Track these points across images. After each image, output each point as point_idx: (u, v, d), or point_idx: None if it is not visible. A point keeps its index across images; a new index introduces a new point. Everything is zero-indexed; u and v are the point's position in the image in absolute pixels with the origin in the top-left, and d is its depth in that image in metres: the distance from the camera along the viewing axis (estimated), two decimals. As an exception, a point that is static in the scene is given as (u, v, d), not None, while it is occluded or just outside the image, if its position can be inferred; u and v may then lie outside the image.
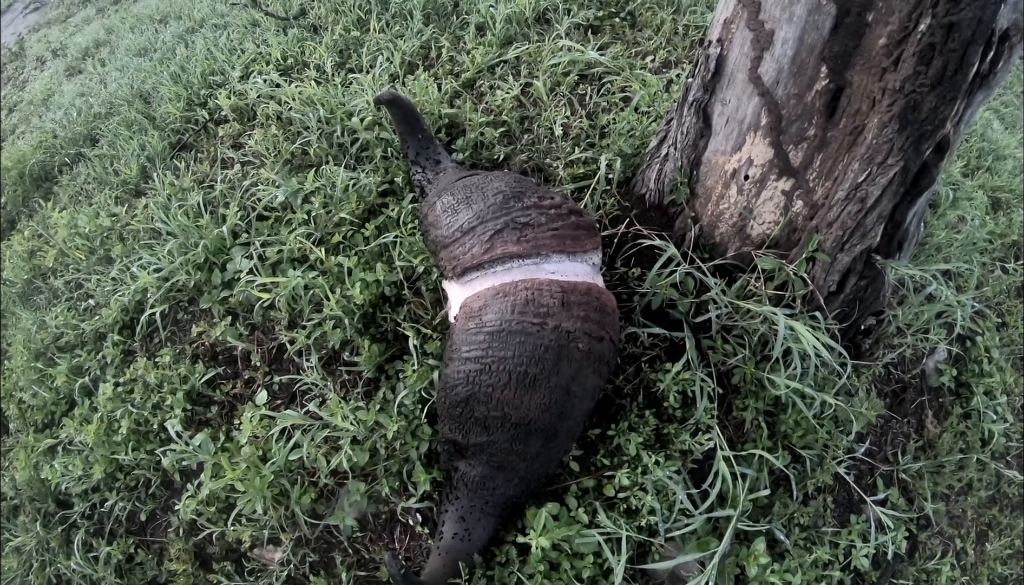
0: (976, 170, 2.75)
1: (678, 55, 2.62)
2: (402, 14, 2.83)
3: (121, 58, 3.71)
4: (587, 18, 2.76)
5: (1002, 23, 1.22)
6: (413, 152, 1.90)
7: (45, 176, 3.18)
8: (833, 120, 1.44)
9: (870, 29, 1.29)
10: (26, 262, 2.63)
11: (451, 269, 1.49)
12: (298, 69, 2.69)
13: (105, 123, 3.08)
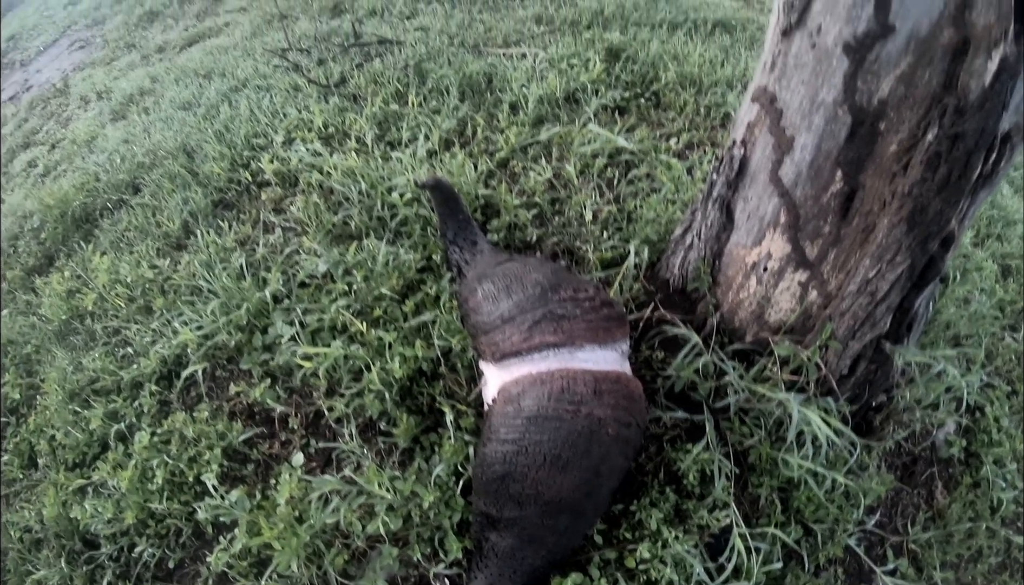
0: (986, 238, 2.83)
1: (700, 136, 2.77)
2: (439, 89, 2.98)
3: (165, 109, 3.86)
4: (614, 99, 2.92)
5: (1004, 126, 1.32)
6: (451, 232, 2.02)
7: (86, 218, 3.28)
8: (847, 219, 1.55)
9: (882, 137, 1.41)
10: (64, 302, 2.71)
11: (490, 353, 1.60)
12: (339, 138, 2.82)
13: (148, 173, 3.20)
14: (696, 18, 4.10)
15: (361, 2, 4.68)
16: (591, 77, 3.03)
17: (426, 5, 4.41)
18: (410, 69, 3.17)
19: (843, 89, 1.39)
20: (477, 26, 3.90)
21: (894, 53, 1.30)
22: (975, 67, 1.23)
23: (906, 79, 1.31)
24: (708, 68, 3.27)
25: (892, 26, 1.27)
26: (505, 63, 3.29)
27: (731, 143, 1.76)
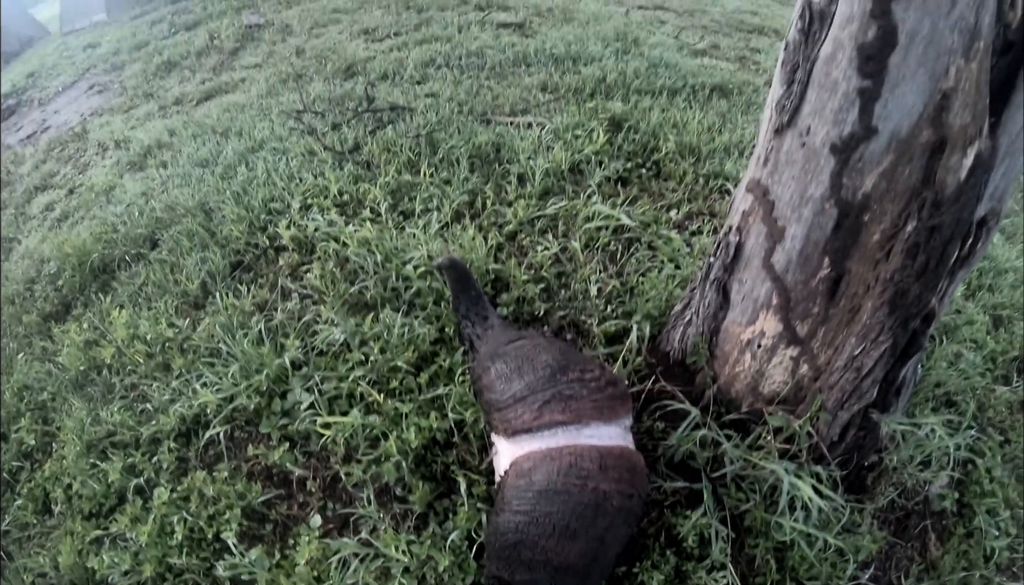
0: (978, 289, 2.94)
1: (699, 206, 2.92)
2: (449, 160, 3.14)
3: (183, 165, 4.00)
4: (616, 170, 3.08)
5: (980, 212, 1.47)
6: (464, 307, 2.15)
7: (104, 268, 3.37)
8: (834, 301, 1.69)
9: (866, 228, 1.55)
10: (82, 352, 2.80)
11: (503, 429, 1.72)
12: (354, 207, 2.97)
13: (166, 229, 3.32)
14: (695, 83, 4.29)
15: (373, 65, 4.87)
16: (595, 148, 3.19)
17: (435, 71, 4.60)
18: (422, 139, 3.33)
19: (830, 185, 1.54)
20: (485, 93, 4.08)
21: (877, 152, 1.44)
22: (951, 163, 1.38)
23: (888, 175, 1.46)
24: (706, 136, 3.45)
25: (875, 128, 1.41)
26: (512, 132, 3.46)
27: (727, 229, 1.91)
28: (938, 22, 1.26)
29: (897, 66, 1.33)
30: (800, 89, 1.52)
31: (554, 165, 3.06)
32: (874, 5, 1.30)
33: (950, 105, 1.33)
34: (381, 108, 3.83)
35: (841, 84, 1.42)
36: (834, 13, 1.40)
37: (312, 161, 3.42)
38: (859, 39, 1.35)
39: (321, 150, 3.46)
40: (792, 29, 1.52)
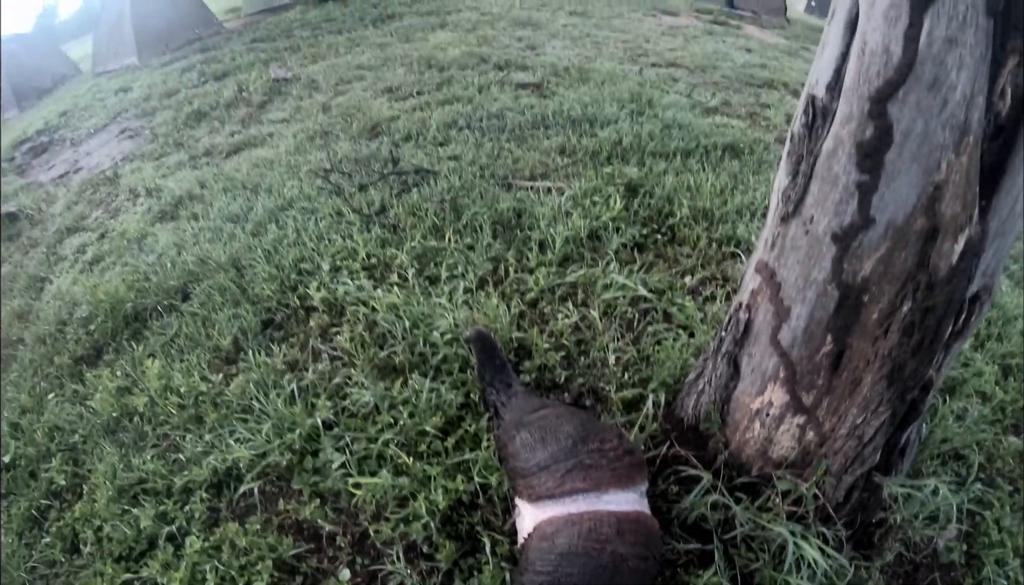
0: (986, 340, 2.98)
1: (713, 271, 3.07)
2: (473, 226, 3.30)
3: (214, 218, 4.18)
4: (633, 236, 3.23)
5: (972, 289, 1.59)
6: (489, 376, 2.28)
7: (136, 316, 3.51)
8: (837, 373, 1.81)
9: (865, 307, 1.67)
10: (115, 398, 2.91)
11: (527, 494, 1.85)
12: (382, 270, 3.13)
13: (198, 282, 3.48)
14: (707, 144, 4.48)
15: (397, 125, 5.09)
16: (612, 214, 3.35)
17: (457, 132, 4.81)
18: (446, 204, 3.51)
19: (832, 270, 1.67)
20: (506, 157, 4.26)
21: (875, 240, 1.57)
22: (944, 249, 1.51)
23: (885, 260, 1.59)
24: (719, 199, 3.61)
25: (873, 218, 1.55)
26: (533, 197, 3.63)
27: (738, 305, 2.04)
28: (930, 121, 1.39)
29: (893, 162, 1.46)
30: (804, 181, 1.66)
31: (573, 232, 3.21)
32: (871, 106, 1.43)
33: (942, 196, 1.46)
34: (406, 170, 4.02)
35: (841, 178, 1.55)
36: (835, 111, 1.54)
37: (340, 222, 3.59)
38: (858, 137, 1.48)
39: (349, 212, 3.63)
40: (796, 122, 1.67)
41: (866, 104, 1.44)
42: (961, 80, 1.33)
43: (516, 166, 4.13)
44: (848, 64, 1.48)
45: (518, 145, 4.51)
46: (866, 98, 1.44)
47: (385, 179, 3.99)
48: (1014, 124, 1.38)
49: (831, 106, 1.54)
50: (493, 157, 4.26)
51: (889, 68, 1.39)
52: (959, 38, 1.30)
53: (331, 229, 3.52)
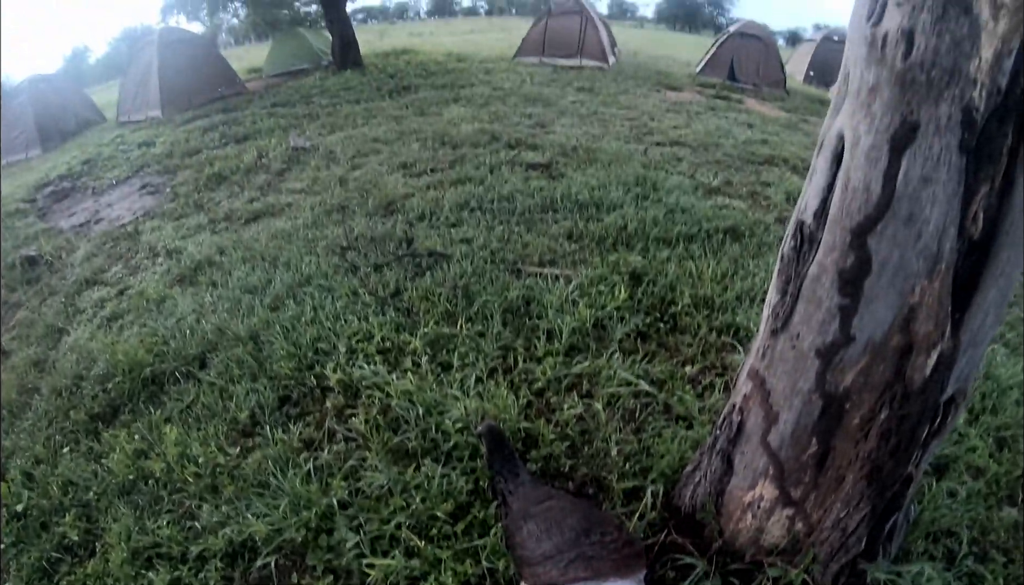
0: (981, 413, 3.03)
1: (712, 359, 3.23)
2: (483, 313, 3.48)
3: (233, 288, 4.35)
4: (636, 325, 3.40)
5: (947, 394, 1.75)
6: (498, 465, 2.41)
7: (153, 379, 3.62)
8: (822, 472, 1.96)
9: (847, 414, 1.83)
10: (131, 461, 3.01)
11: (532, 582, 2.00)
12: (396, 354, 3.29)
13: (216, 353, 3.63)
14: (709, 227, 4.69)
15: (412, 204, 5.33)
16: (616, 304, 3.53)
17: (469, 214, 5.03)
18: (459, 290, 3.69)
19: (816, 381, 1.84)
20: (516, 241, 4.47)
21: (855, 355, 1.74)
22: (918, 363, 1.67)
23: (864, 373, 1.75)
24: (720, 286, 3.80)
25: (853, 336, 1.72)
26: (541, 284, 3.81)
27: (731, 407, 2.21)
28: (906, 252, 1.56)
29: (871, 287, 1.63)
30: (791, 301, 1.84)
31: (579, 323, 3.38)
32: (853, 238, 1.61)
33: (916, 316, 1.63)
34: (420, 253, 4.23)
35: (825, 301, 1.73)
36: (820, 240, 1.72)
37: (356, 303, 3.77)
38: (840, 265, 1.66)
39: (365, 293, 3.82)
40: (786, 243, 1.86)
41: (848, 236, 1.62)
42: (934, 215, 1.50)
43: (525, 251, 4.33)
44: (833, 197, 1.66)
45: (527, 229, 4.72)
46: (848, 231, 1.62)
47: (400, 260, 4.19)
48: (986, 244, 1.54)
49: (817, 234, 1.73)
50: (503, 241, 4.46)
51: (869, 204, 1.56)
52: (933, 177, 1.47)
53: (347, 309, 3.70)
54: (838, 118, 1.65)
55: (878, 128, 1.51)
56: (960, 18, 1.35)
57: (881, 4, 1.47)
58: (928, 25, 1.38)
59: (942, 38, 1.37)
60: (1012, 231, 1.52)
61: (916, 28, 1.39)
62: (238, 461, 2.88)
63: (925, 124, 1.44)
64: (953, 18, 1.35)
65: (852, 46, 1.59)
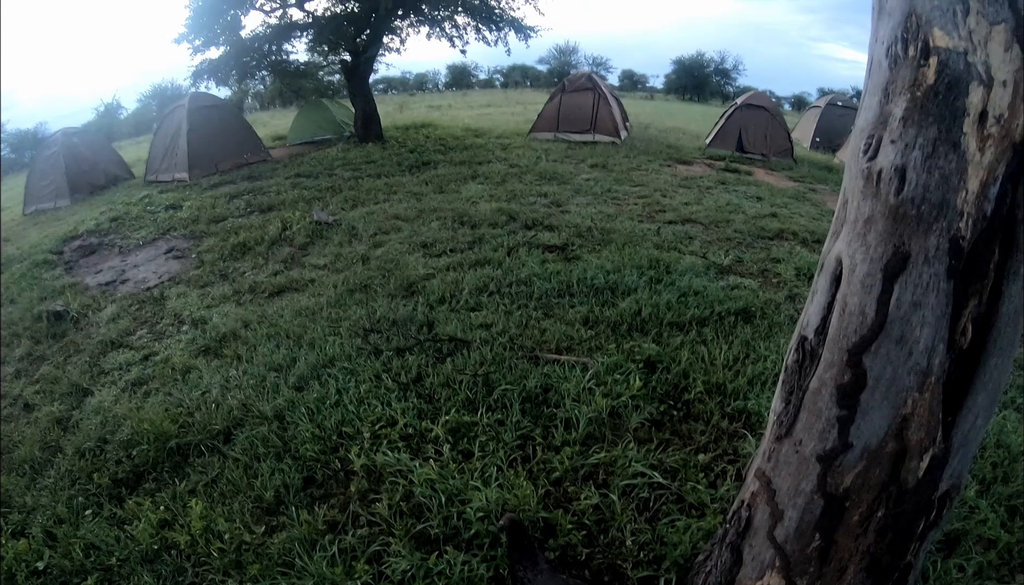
0: (992, 483, 3.07)
1: (725, 446, 3.35)
2: (503, 402, 3.62)
3: (258, 365, 4.51)
4: (651, 413, 3.53)
5: (941, 490, 1.86)
6: (517, 554, 2.52)
7: (178, 449, 3.74)
8: (826, 563, 2.06)
9: (847, 511, 1.95)
10: (156, 530, 3.10)
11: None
12: (418, 440, 3.42)
13: (241, 429, 3.76)
14: (721, 310, 4.85)
15: (432, 286, 5.52)
16: (632, 392, 3.67)
17: (488, 298, 5.21)
18: (479, 379, 3.85)
19: (817, 483, 1.97)
20: (533, 326, 4.64)
21: (853, 460, 1.87)
22: (911, 467, 1.80)
23: (862, 476, 1.87)
24: (731, 372, 3.94)
25: (851, 444, 1.85)
26: (559, 372, 3.94)
27: (740, 503, 2.34)
28: (898, 369, 1.71)
29: (867, 400, 1.78)
30: (794, 411, 2.00)
31: (596, 412, 3.51)
32: (849, 357, 1.77)
33: (908, 425, 1.77)
34: (441, 339, 4.40)
35: (824, 412, 1.88)
36: (820, 356, 1.88)
37: (379, 387, 3.92)
38: (838, 380, 1.82)
39: (388, 378, 3.98)
40: (790, 355, 2.02)
41: (845, 355, 1.78)
42: (924, 335, 1.65)
43: (543, 337, 4.48)
44: (832, 317, 1.83)
45: (545, 314, 4.89)
46: (845, 350, 1.78)
47: (421, 345, 4.36)
48: (975, 353, 1.68)
49: (818, 350, 1.89)
50: (522, 327, 4.62)
51: (864, 327, 1.71)
52: (923, 301, 1.63)
53: (371, 394, 3.85)
54: (837, 243, 1.82)
55: (872, 257, 1.67)
56: (949, 154, 1.52)
57: (877, 140, 1.64)
58: (919, 162, 1.55)
59: (932, 174, 1.54)
60: (1000, 340, 1.66)
61: (908, 165, 1.56)
62: (263, 539, 2.98)
63: (915, 254, 1.60)
64: (942, 154, 1.52)
65: (850, 177, 1.77)
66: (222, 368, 4.64)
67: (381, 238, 7.31)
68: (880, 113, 1.65)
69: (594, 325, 4.70)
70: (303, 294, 5.93)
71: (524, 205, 8.52)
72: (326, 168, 12.48)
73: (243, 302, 6.04)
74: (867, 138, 1.68)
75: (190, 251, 8.11)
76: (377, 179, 10.93)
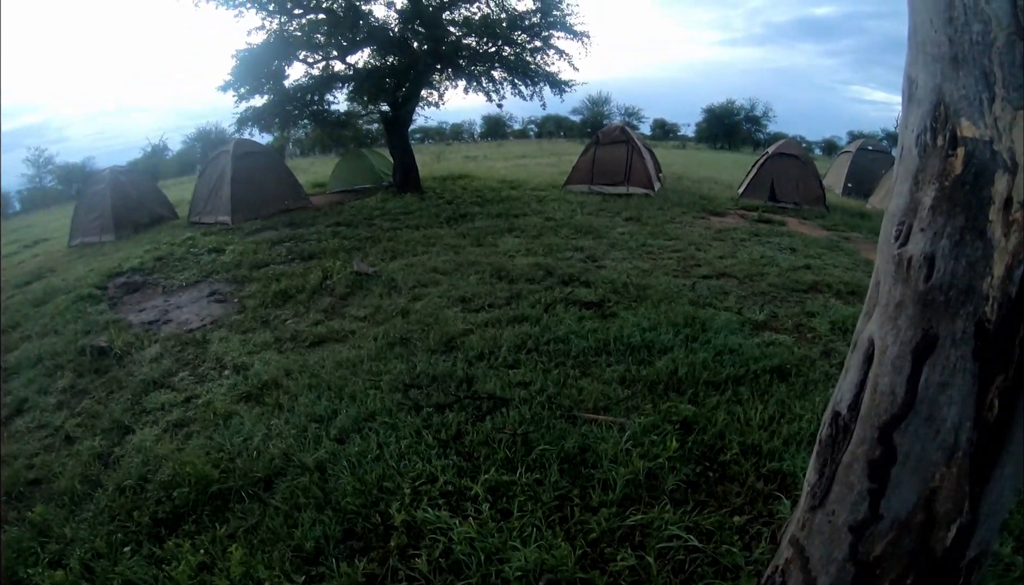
0: None
1: (760, 508, 3.35)
2: (541, 462, 3.67)
3: (299, 415, 4.60)
4: (687, 475, 3.55)
5: (970, 555, 1.86)
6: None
7: (219, 493, 3.81)
8: None
9: (878, 579, 1.95)
10: (195, 573, 3.16)
11: None
12: (457, 498, 3.47)
13: (282, 478, 3.83)
14: (756, 368, 4.88)
15: (471, 342, 5.62)
16: (668, 454, 3.69)
17: (526, 355, 5.28)
18: (518, 438, 3.90)
19: (849, 552, 1.99)
20: (571, 385, 4.69)
21: (883, 530, 1.90)
22: (939, 536, 1.83)
23: (892, 545, 1.90)
24: (767, 434, 3.95)
25: (881, 515, 1.89)
26: (596, 432, 3.99)
27: (774, 569, 2.36)
28: (927, 445, 1.76)
29: (896, 475, 1.83)
30: (827, 483, 2.05)
31: (632, 474, 3.54)
32: (880, 434, 1.83)
33: (936, 497, 1.80)
34: (480, 396, 4.47)
35: (856, 485, 1.93)
36: (853, 431, 1.93)
37: (420, 443, 3.99)
38: (869, 456, 1.87)
39: (428, 435, 4.05)
40: (824, 429, 2.08)
41: (876, 432, 1.84)
42: (951, 414, 1.70)
43: (580, 396, 4.53)
44: (864, 395, 1.90)
45: (582, 373, 4.95)
46: (876, 427, 1.84)
47: (461, 402, 4.43)
48: (1002, 425, 1.70)
49: (850, 426, 1.95)
50: (559, 385, 4.68)
51: (894, 406, 1.78)
52: (951, 382, 1.68)
53: (411, 450, 3.92)
54: (869, 324, 1.90)
55: (903, 340, 1.75)
56: (975, 242, 1.58)
57: (907, 227, 1.73)
58: (947, 250, 1.62)
59: (959, 262, 1.61)
60: (1027, 412, 1.72)
61: (937, 253, 1.64)
62: (303, 592, 3.02)
63: (943, 337, 1.66)
64: (969, 242, 1.59)
65: (882, 260, 1.86)
66: (264, 416, 4.73)
67: (420, 291, 7.44)
68: (911, 200, 1.73)
69: (631, 384, 4.74)
70: (344, 345, 6.05)
71: (560, 260, 8.64)
72: (365, 218, 12.78)
73: (284, 350, 6.16)
74: (898, 225, 1.76)
75: (232, 295, 8.31)
76: (416, 230, 11.15)
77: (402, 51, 16.39)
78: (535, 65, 16.70)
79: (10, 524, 3.93)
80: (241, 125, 16.45)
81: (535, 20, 16.41)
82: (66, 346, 7.03)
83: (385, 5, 16.69)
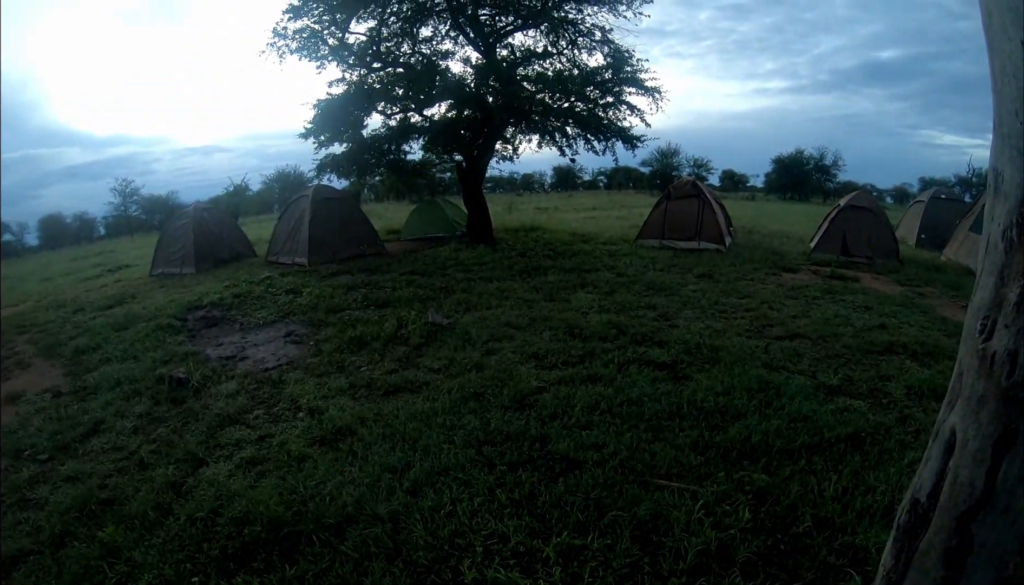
0: None
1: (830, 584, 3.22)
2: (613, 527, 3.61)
3: (373, 465, 4.65)
4: (758, 547, 3.48)
5: None
6: None
7: (289, 535, 3.85)
8: None
9: None
10: None
11: None
12: (528, 559, 3.45)
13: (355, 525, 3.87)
14: (831, 436, 4.75)
15: (545, 400, 5.62)
16: (740, 524, 3.62)
17: (599, 417, 5.25)
18: (591, 502, 3.85)
19: None
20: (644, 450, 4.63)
21: None
22: None
23: None
24: (840, 506, 3.82)
25: None
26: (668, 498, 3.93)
27: None
28: (1003, 535, 1.76)
29: (972, 563, 1.81)
30: (903, 568, 2.02)
31: (704, 544, 3.46)
32: (958, 524, 1.82)
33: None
34: (554, 457, 4.44)
35: (931, 572, 1.91)
36: (931, 520, 1.91)
37: (493, 502, 4.00)
38: (946, 544, 1.86)
39: (501, 494, 4.05)
40: (902, 515, 2.05)
41: (954, 522, 1.84)
42: None
43: (653, 461, 4.47)
44: (944, 485, 1.89)
45: (655, 436, 4.88)
46: (954, 517, 1.84)
47: (534, 462, 4.42)
48: None
49: (929, 514, 1.94)
50: (632, 449, 4.63)
51: (973, 497, 1.78)
52: None
53: (484, 508, 3.92)
54: (951, 415, 1.92)
55: (984, 434, 1.76)
56: None
57: (992, 322, 1.75)
58: None
59: None
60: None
61: (1020, 350, 1.66)
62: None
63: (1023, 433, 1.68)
64: None
65: (965, 351, 1.89)
66: (337, 461, 4.80)
67: (494, 345, 7.52)
68: (996, 295, 1.76)
69: (704, 450, 4.66)
70: (418, 396, 6.12)
71: (633, 317, 8.61)
72: (439, 267, 13.03)
73: (359, 397, 6.27)
74: (982, 319, 1.79)
75: (308, 338, 8.53)
76: (489, 283, 11.30)
77: (477, 105, 16.87)
78: (607, 120, 16.83)
79: (79, 540, 4.08)
80: (320, 171, 17.18)
81: (607, 76, 16.66)
82: (145, 373, 7.34)
83: (461, 61, 17.42)
